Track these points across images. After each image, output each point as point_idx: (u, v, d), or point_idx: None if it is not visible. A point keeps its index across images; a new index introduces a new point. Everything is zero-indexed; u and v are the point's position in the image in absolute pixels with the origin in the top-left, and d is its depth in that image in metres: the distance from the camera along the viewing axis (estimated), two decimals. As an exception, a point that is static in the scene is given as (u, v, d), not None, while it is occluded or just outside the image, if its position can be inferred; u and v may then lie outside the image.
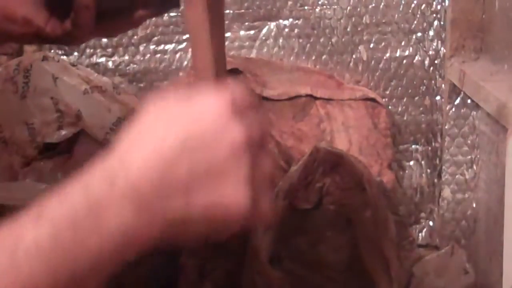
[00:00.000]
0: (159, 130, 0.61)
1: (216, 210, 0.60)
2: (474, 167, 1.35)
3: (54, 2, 0.83)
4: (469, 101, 1.34)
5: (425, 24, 1.41)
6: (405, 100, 1.44)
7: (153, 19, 1.39)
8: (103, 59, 1.43)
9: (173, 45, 1.43)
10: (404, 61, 1.42)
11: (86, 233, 0.58)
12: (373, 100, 1.38)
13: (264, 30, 1.42)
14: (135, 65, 1.43)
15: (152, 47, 1.43)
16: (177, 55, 1.43)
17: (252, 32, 1.42)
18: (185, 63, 1.42)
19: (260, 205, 0.63)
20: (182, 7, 0.90)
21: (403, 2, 1.40)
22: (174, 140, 0.60)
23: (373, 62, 1.42)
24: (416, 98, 1.43)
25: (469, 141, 1.36)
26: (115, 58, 1.43)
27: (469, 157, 1.36)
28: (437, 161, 1.44)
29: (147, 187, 0.59)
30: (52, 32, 0.84)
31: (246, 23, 1.42)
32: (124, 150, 0.61)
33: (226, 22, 1.42)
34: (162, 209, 0.60)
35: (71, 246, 0.58)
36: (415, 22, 1.41)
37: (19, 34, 0.85)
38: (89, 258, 0.59)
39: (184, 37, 1.41)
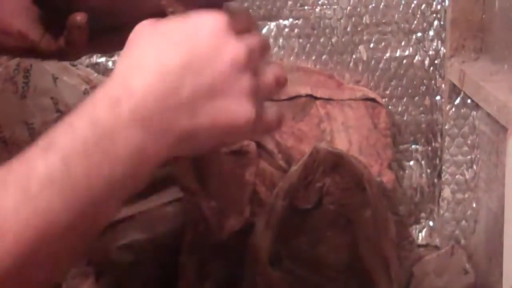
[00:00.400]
0: (158, 52, 0.62)
1: (222, 123, 0.63)
2: (474, 167, 1.35)
3: (48, 19, 0.83)
4: (469, 101, 1.34)
5: (425, 24, 1.41)
6: (405, 100, 1.44)
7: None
8: (103, 59, 1.43)
9: (173, 45, 1.43)
10: (404, 61, 1.42)
11: (97, 160, 0.59)
12: (373, 100, 1.38)
13: (264, 30, 1.42)
14: (135, 65, 1.43)
15: (152, 47, 1.43)
16: (177, 55, 1.43)
17: (252, 32, 1.42)
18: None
19: (265, 114, 0.66)
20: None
21: (403, 2, 1.40)
22: (175, 62, 0.62)
23: (373, 62, 1.42)
24: (416, 98, 1.43)
25: (469, 141, 1.36)
26: (115, 58, 1.43)
27: (469, 157, 1.36)
28: (437, 161, 1.44)
29: (152, 108, 0.61)
30: (46, 47, 0.84)
31: (246, 23, 1.42)
32: (125, 75, 0.62)
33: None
34: (168, 127, 0.61)
35: (83, 175, 0.59)
36: (415, 22, 1.41)
37: (14, 48, 0.85)
38: (103, 184, 0.60)
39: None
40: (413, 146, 1.45)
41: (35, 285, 0.59)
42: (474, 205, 1.36)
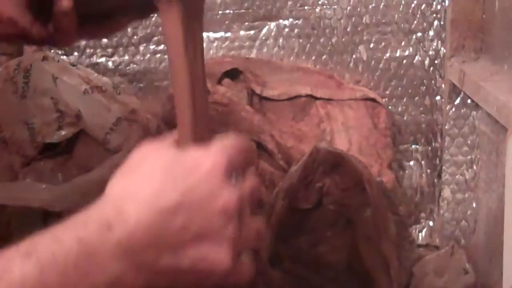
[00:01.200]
0: (156, 185, 0.62)
1: (200, 268, 0.63)
2: (474, 167, 1.35)
3: (38, 6, 0.83)
4: (469, 101, 1.34)
5: (425, 24, 1.41)
6: (405, 100, 1.43)
7: (153, 19, 1.39)
8: (103, 59, 1.43)
9: (173, 45, 1.43)
10: (404, 61, 1.42)
11: (73, 281, 0.58)
12: (373, 100, 1.38)
13: (264, 30, 1.42)
14: (135, 65, 1.43)
15: (152, 47, 1.43)
16: (177, 55, 1.43)
17: (252, 32, 1.42)
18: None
19: (240, 265, 0.66)
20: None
21: (403, 2, 1.40)
22: (170, 200, 0.61)
23: (373, 62, 1.42)
24: (416, 98, 1.43)
25: (469, 141, 1.36)
26: (115, 58, 1.43)
27: (469, 157, 1.36)
28: (437, 161, 1.44)
29: (140, 242, 0.60)
30: (37, 34, 0.84)
31: (246, 23, 1.42)
32: (120, 200, 0.62)
33: (226, 22, 1.42)
34: (151, 263, 0.61)
35: None
36: (415, 22, 1.41)
37: (5, 34, 0.85)
38: None
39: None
40: (413, 146, 1.45)
41: None
42: (474, 205, 1.36)
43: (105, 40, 1.42)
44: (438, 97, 1.42)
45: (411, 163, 1.45)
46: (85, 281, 0.59)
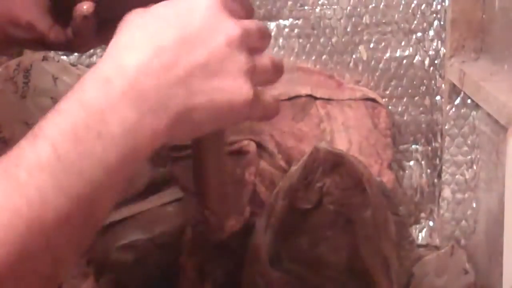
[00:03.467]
0: (151, 31, 0.61)
1: (219, 102, 0.62)
2: (474, 167, 1.35)
3: (57, 10, 0.83)
4: (469, 101, 1.34)
5: (425, 24, 1.41)
6: (405, 100, 1.43)
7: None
8: (103, 59, 1.43)
9: (173, 45, 1.43)
10: (404, 61, 1.42)
11: (89, 143, 0.57)
12: (373, 100, 1.38)
13: (264, 30, 1.42)
14: (135, 65, 1.43)
15: (152, 47, 1.43)
16: (177, 55, 1.43)
17: (252, 32, 1.42)
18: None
19: (263, 97, 0.65)
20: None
21: (403, 2, 1.40)
22: (168, 40, 0.60)
23: (373, 62, 1.42)
24: (416, 98, 1.43)
25: (469, 141, 1.36)
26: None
27: (469, 157, 1.36)
28: (437, 161, 1.44)
29: (146, 86, 0.59)
30: (55, 39, 0.84)
31: (246, 23, 1.42)
32: (116, 55, 0.61)
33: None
34: (164, 106, 0.60)
35: (75, 158, 0.56)
36: (415, 22, 1.41)
37: (23, 39, 0.85)
38: (97, 168, 0.57)
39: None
40: (413, 146, 1.45)
41: (36, 281, 0.56)
42: (474, 205, 1.36)
43: (105, 40, 1.42)
44: (438, 97, 1.42)
45: (411, 163, 1.45)
46: (102, 141, 0.57)
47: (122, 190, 0.60)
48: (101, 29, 0.83)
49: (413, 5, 1.40)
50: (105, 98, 0.58)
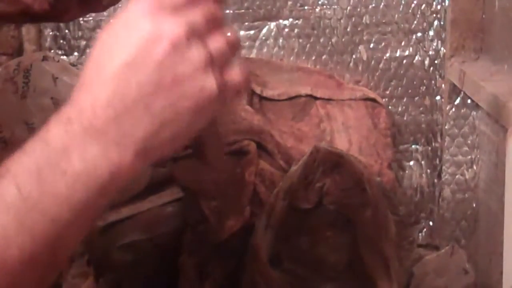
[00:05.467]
0: (98, 65, 0.59)
1: (186, 107, 0.59)
2: (474, 167, 1.35)
3: None
4: (469, 101, 1.34)
5: (425, 24, 1.41)
6: (405, 100, 1.44)
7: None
8: (103, 59, 1.43)
9: (173, 45, 1.43)
10: (404, 61, 1.42)
11: (53, 182, 0.56)
12: (373, 100, 1.38)
13: (264, 30, 1.42)
14: (135, 65, 1.43)
15: (152, 47, 1.43)
16: (177, 55, 1.43)
17: (252, 32, 1.42)
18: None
19: (229, 78, 0.61)
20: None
21: (403, 2, 1.40)
22: (113, 67, 0.58)
23: (373, 62, 1.42)
24: (416, 98, 1.43)
25: (469, 141, 1.36)
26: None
27: (469, 157, 1.36)
28: (437, 161, 1.44)
29: (105, 119, 0.58)
30: (39, 8, 0.83)
31: (246, 23, 1.42)
32: (76, 95, 0.59)
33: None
34: (127, 134, 0.58)
35: (39, 199, 0.56)
36: (415, 22, 1.41)
37: (8, 13, 0.84)
38: (61, 208, 0.56)
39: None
40: (413, 146, 1.45)
41: None
42: (474, 205, 1.36)
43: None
44: (438, 97, 1.42)
45: (411, 163, 1.45)
46: (67, 180, 0.56)
47: (88, 228, 0.59)
48: None
49: (413, 5, 1.40)
50: (68, 137, 0.57)
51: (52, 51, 1.41)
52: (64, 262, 0.59)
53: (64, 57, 1.41)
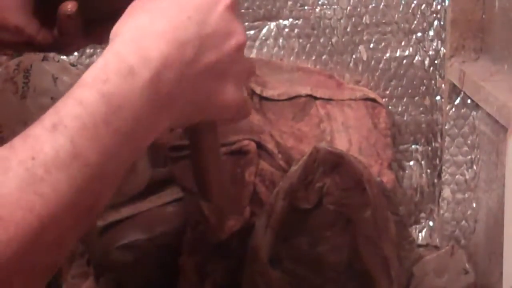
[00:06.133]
0: (171, 17, 0.61)
1: (217, 100, 0.64)
2: (474, 167, 1.35)
3: (44, 12, 0.83)
4: (469, 101, 1.34)
5: (425, 24, 1.41)
6: (405, 100, 1.43)
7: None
8: (103, 59, 1.43)
9: (173, 45, 1.43)
10: (404, 61, 1.42)
11: (106, 140, 0.57)
12: (373, 100, 1.38)
13: (264, 30, 1.42)
14: (135, 65, 1.43)
15: (152, 47, 1.43)
16: (177, 55, 1.43)
17: (252, 32, 1.42)
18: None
19: (247, 99, 0.68)
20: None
21: (403, 2, 1.40)
22: (190, 34, 0.61)
23: (373, 62, 1.42)
24: (416, 98, 1.43)
25: (469, 141, 1.36)
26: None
27: (469, 157, 1.36)
28: (437, 161, 1.44)
29: (165, 80, 0.60)
30: (43, 40, 0.84)
31: (246, 23, 1.42)
32: (140, 41, 0.60)
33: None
34: (175, 100, 0.61)
35: (91, 158, 0.57)
36: (415, 22, 1.41)
37: (12, 42, 0.85)
38: (109, 164, 0.58)
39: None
40: (413, 146, 1.45)
41: (41, 271, 0.56)
42: (474, 205, 1.36)
43: (105, 40, 1.42)
44: (438, 97, 1.42)
45: (411, 163, 1.45)
46: (117, 138, 0.58)
47: (124, 176, 0.61)
48: (88, 29, 0.83)
49: (413, 5, 1.40)
50: (128, 92, 0.58)
51: (52, 51, 1.41)
52: (107, 201, 0.60)
53: (64, 57, 1.41)
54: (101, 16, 0.84)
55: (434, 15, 1.40)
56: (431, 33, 1.41)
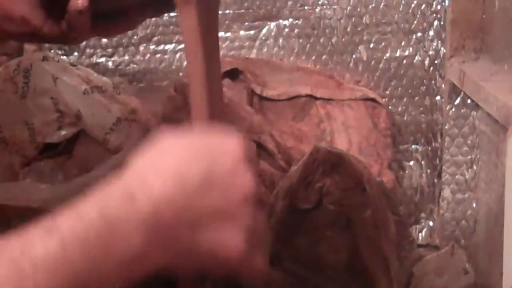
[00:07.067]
0: (179, 161, 0.61)
1: (216, 251, 0.62)
2: (474, 167, 1.35)
3: (50, 4, 0.83)
4: (469, 101, 1.34)
5: (425, 24, 1.41)
6: (405, 100, 1.44)
7: (153, 19, 1.39)
8: (103, 59, 1.43)
9: (173, 45, 1.43)
10: (404, 61, 1.42)
11: (95, 255, 0.57)
12: (373, 100, 1.38)
13: (264, 30, 1.42)
14: (135, 65, 1.43)
15: (152, 47, 1.43)
16: (177, 55, 1.43)
17: (252, 32, 1.42)
18: (185, 63, 1.42)
19: (256, 257, 0.65)
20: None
21: (403, 2, 1.40)
22: (194, 177, 0.60)
23: (373, 62, 1.42)
24: (416, 98, 1.43)
25: (469, 141, 1.36)
26: (115, 58, 1.43)
27: (469, 157, 1.36)
28: (437, 161, 1.44)
29: (164, 217, 0.59)
30: (49, 32, 0.84)
31: (246, 23, 1.42)
32: (143, 173, 0.60)
33: (226, 22, 1.42)
34: (172, 243, 0.60)
35: (78, 265, 0.57)
36: (415, 22, 1.41)
37: (17, 33, 0.85)
38: (96, 278, 0.58)
39: (184, 37, 1.41)
40: (413, 146, 1.45)
41: None
42: (474, 205, 1.36)
43: (105, 40, 1.42)
44: (438, 97, 1.42)
45: (411, 163, 1.45)
46: (108, 256, 0.58)
47: None
48: (95, 22, 0.83)
49: (413, 5, 1.40)
50: (125, 216, 0.58)
51: (52, 51, 1.41)
52: None
53: (64, 57, 1.41)
54: (109, 10, 0.84)
55: (434, 15, 1.40)
56: (431, 33, 1.41)
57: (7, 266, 0.55)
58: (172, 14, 1.40)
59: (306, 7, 1.41)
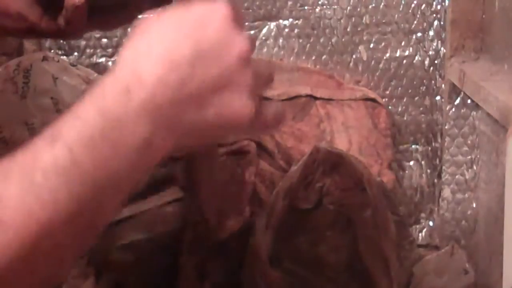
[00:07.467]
0: (167, 42, 0.61)
1: (225, 117, 0.62)
2: (474, 167, 1.35)
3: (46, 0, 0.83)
4: (469, 101, 1.34)
5: (425, 24, 1.41)
6: (405, 100, 1.44)
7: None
8: (103, 59, 1.43)
9: (173, 45, 1.43)
10: (404, 61, 1.42)
11: (104, 152, 0.58)
12: (373, 100, 1.38)
13: (264, 30, 1.42)
14: (135, 65, 1.43)
15: (152, 47, 1.43)
16: (177, 55, 1.43)
17: (252, 32, 1.42)
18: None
19: (264, 111, 0.66)
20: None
21: (403, 2, 1.40)
22: (184, 53, 0.61)
23: (373, 62, 1.42)
24: (416, 98, 1.43)
25: (469, 141, 1.36)
26: (115, 58, 1.43)
27: (469, 157, 1.36)
28: (437, 161, 1.44)
29: (162, 99, 0.60)
30: (46, 27, 0.84)
31: (246, 23, 1.42)
32: (134, 62, 0.61)
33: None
34: (176, 120, 0.61)
35: (90, 165, 0.57)
36: (415, 22, 1.41)
37: (14, 29, 0.85)
38: (109, 176, 0.59)
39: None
40: (413, 146, 1.45)
41: (39, 279, 0.57)
42: (474, 205, 1.36)
43: (105, 40, 1.42)
44: (438, 97, 1.42)
45: (411, 163, 1.45)
46: (115, 151, 0.58)
47: (126, 196, 0.61)
48: (92, 16, 0.83)
49: (413, 5, 1.40)
50: (124, 109, 0.59)
51: (52, 51, 1.41)
52: (107, 220, 0.61)
53: (64, 57, 1.41)
54: (106, 4, 0.85)
55: (434, 15, 1.40)
56: (431, 33, 1.41)
57: (20, 182, 0.56)
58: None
59: (306, 7, 1.41)
